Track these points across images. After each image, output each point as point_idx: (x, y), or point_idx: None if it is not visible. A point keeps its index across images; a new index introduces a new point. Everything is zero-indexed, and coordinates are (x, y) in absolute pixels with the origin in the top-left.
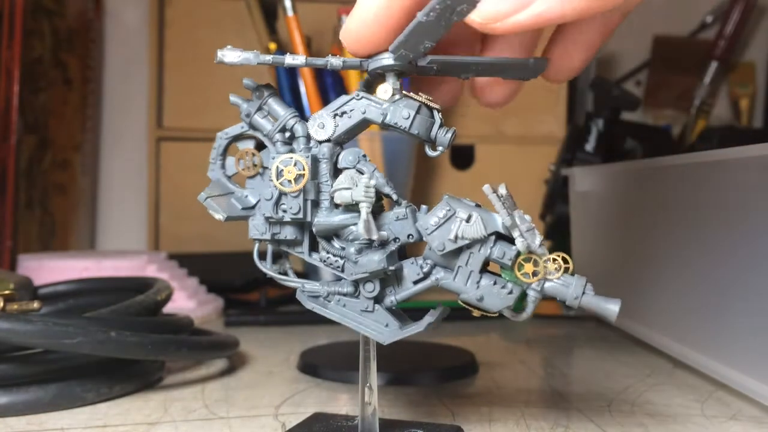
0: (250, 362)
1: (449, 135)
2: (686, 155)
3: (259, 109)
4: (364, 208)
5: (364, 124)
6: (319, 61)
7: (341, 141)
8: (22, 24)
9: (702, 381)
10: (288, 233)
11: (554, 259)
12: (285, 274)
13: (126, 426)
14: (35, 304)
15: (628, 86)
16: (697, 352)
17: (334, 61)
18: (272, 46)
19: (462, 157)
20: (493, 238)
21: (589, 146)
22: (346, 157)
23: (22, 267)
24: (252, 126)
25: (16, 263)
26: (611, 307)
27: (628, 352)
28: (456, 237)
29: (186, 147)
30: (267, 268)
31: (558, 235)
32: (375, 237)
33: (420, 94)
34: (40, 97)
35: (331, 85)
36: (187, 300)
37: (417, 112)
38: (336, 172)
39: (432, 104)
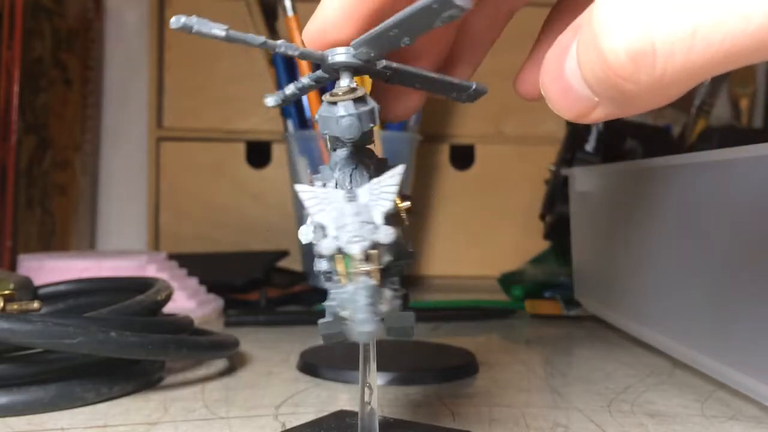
0: (250, 362)
1: (343, 122)
2: (686, 155)
3: None
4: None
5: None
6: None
7: (338, 146)
8: (22, 24)
9: (702, 381)
10: None
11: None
12: None
13: (126, 426)
14: (35, 304)
15: None
16: (697, 352)
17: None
18: None
19: (462, 157)
20: None
21: (589, 146)
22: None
23: (22, 267)
24: None
25: (16, 263)
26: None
27: (628, 352)
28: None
29: (186, 147)
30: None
31: (558, 235)
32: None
33: (339, 91)
34: (40, 97)
35: (330, 84)
36: (187, 300)
37: (324, 113)
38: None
39: (341, 97)
